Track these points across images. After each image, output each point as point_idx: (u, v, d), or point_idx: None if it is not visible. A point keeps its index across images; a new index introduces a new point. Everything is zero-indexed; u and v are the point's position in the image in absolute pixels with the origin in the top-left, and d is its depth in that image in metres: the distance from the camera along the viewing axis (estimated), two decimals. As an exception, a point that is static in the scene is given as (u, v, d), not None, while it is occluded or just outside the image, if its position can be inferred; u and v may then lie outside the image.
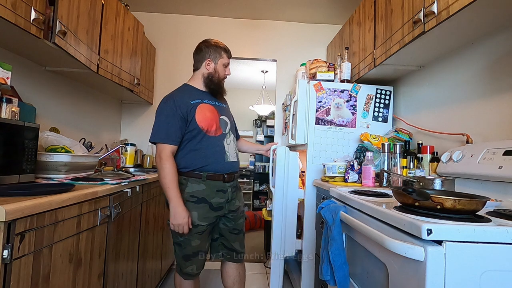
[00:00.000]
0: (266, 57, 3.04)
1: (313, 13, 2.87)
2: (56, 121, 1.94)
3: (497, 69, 1.30)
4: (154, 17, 2.97)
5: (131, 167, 2.42)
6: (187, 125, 1.42)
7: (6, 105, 1.21)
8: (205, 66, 1.54)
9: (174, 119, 1.39)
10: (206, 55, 1.54)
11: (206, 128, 1.46)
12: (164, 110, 1.41)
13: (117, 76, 2.08)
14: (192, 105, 1.45)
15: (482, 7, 1.08)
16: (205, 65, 1.54)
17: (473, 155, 1.22)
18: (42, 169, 1.37)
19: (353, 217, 1.06)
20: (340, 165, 1.81)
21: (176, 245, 1.47)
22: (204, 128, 1.45)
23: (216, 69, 1.55)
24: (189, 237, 1.42)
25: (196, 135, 1.44)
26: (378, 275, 0.94)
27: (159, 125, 1.40)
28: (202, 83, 1.55)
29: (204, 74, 1.54)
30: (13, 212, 0.77)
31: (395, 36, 1.56)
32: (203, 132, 1.45)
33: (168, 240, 2.40)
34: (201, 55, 1.54)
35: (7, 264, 0.77)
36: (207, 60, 1.54)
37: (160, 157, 1.37)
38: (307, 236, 2.04)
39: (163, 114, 1.41)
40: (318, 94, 2.06)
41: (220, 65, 1.56)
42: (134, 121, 2.95)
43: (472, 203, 0.77)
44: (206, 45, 1.56)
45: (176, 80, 2.97)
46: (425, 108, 1.78)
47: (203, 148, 1.45)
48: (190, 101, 1.46)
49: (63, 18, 1.43)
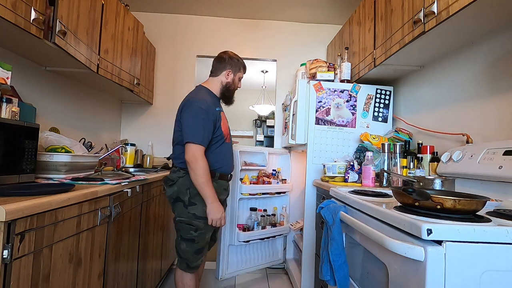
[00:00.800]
0: (266, 57, 3.04)
1: (313, 13, 2.86)
2: (56, 121, 1.94)
3: (497, 69, 1.30)
4: (154, 17, 2.97)
5: (131, 167, 2.42)
6: (215, 131, 1.54)
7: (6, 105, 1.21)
8: (225, 76, 1.66)
9: (209, 123, 1.49)
10: (228, 66, 1.66)
11: (226, 135, 1.62)
12: (200, 113, 1.48)
13: (117, 76, 2.08)
14: (217, 112, 1.58)
15: (482, 7, 1.08)
16: (225, 75, 1.66)
17: (473, 155, 1.22)
18: (42, 169, 1.36)
19: (353, 217, 1.06)
20: (340, 165, 1.81)
21: (188, 242, 1.49)
22: (225, 135, 1.61)
23: (234, 80, 1.68)
24: (204, 231, 1.51)
25: (219, 140, 1.57)
26: (378, 275, 0.94)
27: (196, 127, 1.46)
28: (219, 89, 1.67)
29: (222, 82, 1.66)
30: (13, 212, 0.77)
31: (395, 36, 1.56)
32: (224, 138, 1.60)
33: (168, 240, 2.40)
34: (223, 64, 1.65)
35: (7, 264, 0.77)
36: (228, 71, 1.66)
37: (196, 157, 1.44)
38: (307, 236, 2.04)
39: (200, 117, 1.47)
40: (318, 94, 2.06)
41: (237, 78, 1.70)
42: (134, 121, 2.95)
43: (472, 203, 0.77)
44: (229, 56, 1.67)
45: (176, 80, 2.98)
46: (425, 108, 1.78)
47: (222, 152, 1.59)
48: (215, 108, 1.57)
49: (63, 18, 1.43)
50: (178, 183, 1.50)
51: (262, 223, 2.57)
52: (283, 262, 2.74)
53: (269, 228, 2.56)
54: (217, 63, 1.67)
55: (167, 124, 2.96)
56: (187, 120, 1.47)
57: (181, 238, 1.50)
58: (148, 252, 1.90)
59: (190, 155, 1.44)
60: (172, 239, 2.53)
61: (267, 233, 2.55)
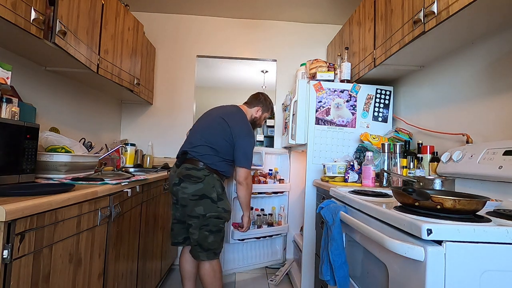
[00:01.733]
0: (266, 57, 3.04)
1: (313, 13, 2.86)
2: (56, 121, 1.94)
3: (497, 69, 1.30)
4: (154, 17, 2.97)
5: (131, 167, 2.42)
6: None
7: (6, 105, 1.21)
8: (256, 111, 1.98)
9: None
10: (260, 104, 1.99)
11: None
12: (252, 144, 1.81)
13: (117, 76, 2.08)
14: None
15: (482, 7, 1.08)
16: (256, 110, 1.98)
17: (473, 155, 1.22)
18: (42, 169, 1.37)
19: (353, 217, 1.06)
20: (340, 165, 1.81)
21: (216, 233, 1.66)
22: None
23: (261, 117, 2.01)
24: (227, 222, 1.77)
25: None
26: (378, 275, 0.94)
27: (249, 156, 1.78)
28: (248, 119, 1.93)
29: (252, 115, 1.98)
30: (13, 212, 0.77)
31: (395, 36, 1.56)
32: None
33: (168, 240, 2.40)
34: (258, 101, 1.99)
35: (7, 264, 0.77)
36: (259, 108, 1.98)
37: (248, 180, 1.79)
38: (307, 236, 2.04)
39: (252, 147, 1.80)
40: (318, 94, 2.06)
41: (263, 116, 2.02)
42: (134, 121, 2.95)
43: (472, 203, 0.77)
44: (264, 97, 2.02)
45: (176, 80, 2.98)
46: (425, 108, 1.78)
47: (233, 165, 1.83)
48: None
49: (63, 18, 1.43)
50: (205, 181, 1.64)
51: (258, 222, 2.57)
52: (283, 262, 2.74)
53: (265, 228, 2.57)
54: (253, 98, 2.00)
55: (167, 124, 2.96)
56: (245, 149, 1.75)
57: (210, 232, 1.63)
58: (148, 252, 1.90)
59: (244, 178, 1.77)
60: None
61: (263, 232, 2.55)
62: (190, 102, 2.99)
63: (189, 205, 1.65)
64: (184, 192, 1.64)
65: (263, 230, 2.55)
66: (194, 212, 1.64)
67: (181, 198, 1.66)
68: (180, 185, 1.66)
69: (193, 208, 1.63)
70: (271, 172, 2.72)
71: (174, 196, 1.77)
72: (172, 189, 1.72)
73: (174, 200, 1.80)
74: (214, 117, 1.83)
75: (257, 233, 2.52)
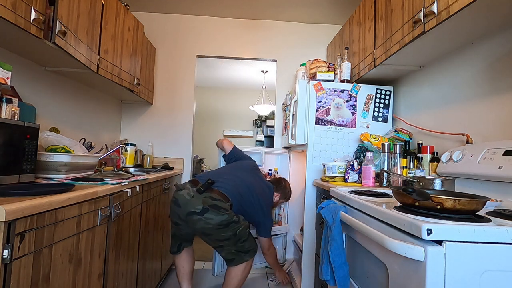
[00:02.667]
0: (266, 57, 3.04)
1: (313, 13, 2.87)
2: (56, 121, 1.94)
3: (497, 69, 1.30)
4: (154, 17, 2.97)
5: (131, 167, 2.42)
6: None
7: (6, 105, 1.21)
8: (275, 195, 2.17)
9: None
10: (280, 191, 2.21)
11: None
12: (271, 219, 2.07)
13: (117, 76, 2.08)
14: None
15: (482, 7, 1.08)
16: (275, 195, 2.17)
17: (473, 155, 1.22)
18: (42, 169, 1.36)
19: (353, 217, 1.06)
20: (340, 165, 1.81)
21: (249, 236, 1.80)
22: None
23: (277, 202, 2.23)
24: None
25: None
26: (378, 275, 0.94)
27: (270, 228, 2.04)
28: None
29: (274, 198, 2.16)
30: (13, 212, 0.77)
31: (395, 36, 1.56)
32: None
33: (168, 240, 2.40)
34: (278, 187, 2.21)
35: (7, 264, 0.77)
36: (278, 194, 2.20)
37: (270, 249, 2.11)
38: (307, 236, 2.04)
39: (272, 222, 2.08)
40: (318, 94, 2.06)
41: (279, 202, 2.26)
42: (134, 121, 2.95)
43: (472, 203, 0.77)
44: (284, 186, 2.27)
45: (176, 80, 2.98)
46: (425, 108, 1.78)
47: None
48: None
49: (63, 18, 1.43)
50: (230, 212, 1.68)
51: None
52: (283, 262, 2.74)
53: None
54: (277, 183, 2.23)
55: (167, 124, 2.96)
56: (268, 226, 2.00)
57: (244, 240, 1.74)
58: (148, 252, 1.90)
59: (267, 248, 2.08)
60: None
61: None
62: (190, 102, 2.99)
63: (214, 234, 1.65)
64: (209, 223, 1.60)
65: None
66: (223, 237, 1.66)
67: (202, 227, 1.62)
68: (203, 215, 1.60)
69: (221, 234, 1.65)
70: (271, 172, 2.71)
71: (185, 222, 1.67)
72: (187, 216, 1.62)
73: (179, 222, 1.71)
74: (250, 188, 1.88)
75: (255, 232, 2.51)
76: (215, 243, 1.72)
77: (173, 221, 1.77)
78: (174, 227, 1.81)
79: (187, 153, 2.95)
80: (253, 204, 1.86)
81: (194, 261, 1.96)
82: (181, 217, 1.66)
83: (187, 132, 2.97)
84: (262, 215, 1.92)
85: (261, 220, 1.94)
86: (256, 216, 1.90)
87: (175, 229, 1.80)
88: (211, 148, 2.16)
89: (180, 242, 1.86)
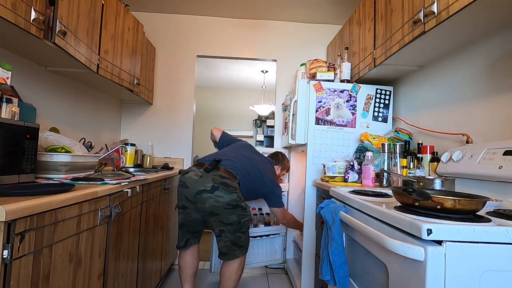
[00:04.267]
0: (266, 57, 3.04)
1: (313, 13, 2.86)
2: (56, 121, 1.94)
3: (497, 69, 1.30)
4: (154, 17, 2.97)
5: (131, 167, 2.42)
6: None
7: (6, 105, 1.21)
8: (276, 168, 2.21)
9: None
10: (279, 163, 2.27)
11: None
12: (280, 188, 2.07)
13: (117, 76, 2.08)
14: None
15: (482, 7, 1.08)
16: (276, 168, 2.21)
17: (473, 155, 1.22)
18: (42, 169, 1.36)
19: (353, 217, 1.06)
20: (340, 165, 1.81)
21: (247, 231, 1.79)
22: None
23: (280, 174, 2.30)
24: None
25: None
26: (378, 275, 0.94)
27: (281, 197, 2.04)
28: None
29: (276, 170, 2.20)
30: (13, 212, 0.77)
31: (395, 36, 1.56)
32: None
33: (168, 240, 2.40)
34: (277, 161, 2.27)
35: (7, 264, 0.77)
36: (279, 167, 2.26)
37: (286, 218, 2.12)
38: (307, 236, 2.04)
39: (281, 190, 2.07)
40: (318, 94, 2.06)
41: (281, 174, 2.32)
42: (134, 121, 2.95)
43: (472, 203, 0.77)
44: (282, 158, 2.32)
45: (176, 80, 2.98)
46: (425, 108, 1.78)
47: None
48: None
49: (63, 18, 1.43)
50: (238, 192, 1.72)
51: (254, 221, 2.58)
52: (283, 262, 2.74)
53: (261, 227, 2.58)
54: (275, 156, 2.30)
55: (167, 124, 2.96)
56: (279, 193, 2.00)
57: (243, 232, 1.74)
58: (148, 252, 1.90)
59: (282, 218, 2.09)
60: (173, 239, 2.54)
61: (259, 232, 2.56)
62: (190, 102, 2.99)
63: (222, 214, 1.65)
64: (219, 201, 1.63)
65: (259, 229, 2.56)
66: (228, 220, 1.67)
67: (211, 206, 1.63)
68: (213, 193, 1.63)
69: (227, 216, 1.66)
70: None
71: (193, 203, 1.70)
72: (196, 195, 1.65)
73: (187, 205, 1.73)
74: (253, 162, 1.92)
75: (253, 232, 2.52)
76: (219, 226, 1.69)
77: (181, 206, 1.77)
78: (182, 214, 1.79)
79: (187, 153, 2.95)
80: (259, 178, 1.89)
81: (199, 263, 1.94)
82: (190, 198, 1.69)
83: (187, 132, 2.97)
84: (270, 185, 1.95)
85: (270, 190, 1.95)
86: (264, 187, 1.93)
87: (184, 215, 1.78)
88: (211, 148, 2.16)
89: (188, 237, 1.83)
